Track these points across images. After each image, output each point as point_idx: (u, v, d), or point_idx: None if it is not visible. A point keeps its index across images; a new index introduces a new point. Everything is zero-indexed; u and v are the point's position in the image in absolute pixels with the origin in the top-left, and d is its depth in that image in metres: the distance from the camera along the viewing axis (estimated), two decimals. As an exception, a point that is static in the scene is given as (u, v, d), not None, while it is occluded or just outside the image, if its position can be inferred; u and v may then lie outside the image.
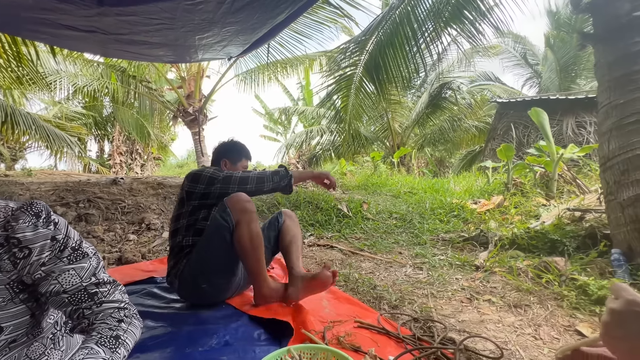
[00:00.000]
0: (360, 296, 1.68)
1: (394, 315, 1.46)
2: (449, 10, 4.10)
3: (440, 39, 4.43)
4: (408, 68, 4.65)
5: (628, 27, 1.79)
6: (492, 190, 4.08)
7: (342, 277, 1.92)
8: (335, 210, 3.40)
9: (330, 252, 2.46)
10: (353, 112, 5.91)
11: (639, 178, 1.66)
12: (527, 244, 2.27)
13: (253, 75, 7.73)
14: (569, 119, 6.14)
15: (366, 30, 4.67)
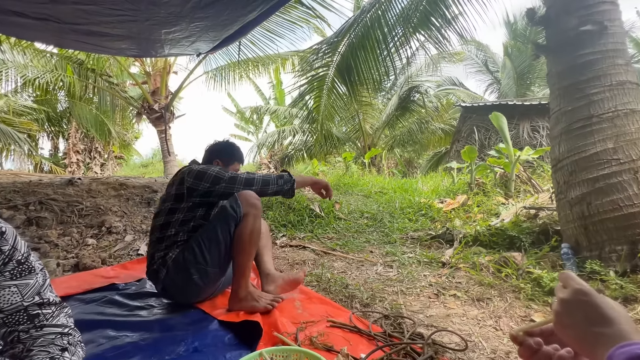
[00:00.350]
0: (333, 296, 1.69)
1: (366, 314, 1.49)
2: (417, 17, 4.25)
3: (409, 43, 4.59)
4: (379, 71, 4.77)
5: (575, 40, 1.95)
6: (457, 190, 4.28)
7: (315, 277, 1.93)
8: (308, 211, 3.40)
9: (303, 252, 2.46)
10: (325, 113, 5.94)
11: (585, 178, 1.82)
12: (488, 241, 2.40)
13: (223, 72, 7.53)
14: (525, 123, 6.61)
15: (338, 32, 4.72)
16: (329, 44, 4.88)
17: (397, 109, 9.41)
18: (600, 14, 1.92)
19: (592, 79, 1.90)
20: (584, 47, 1.94)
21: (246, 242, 1.43)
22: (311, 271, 2.06)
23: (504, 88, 11.82)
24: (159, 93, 7.40)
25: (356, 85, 5.11)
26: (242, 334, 1.25)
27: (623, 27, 1.99)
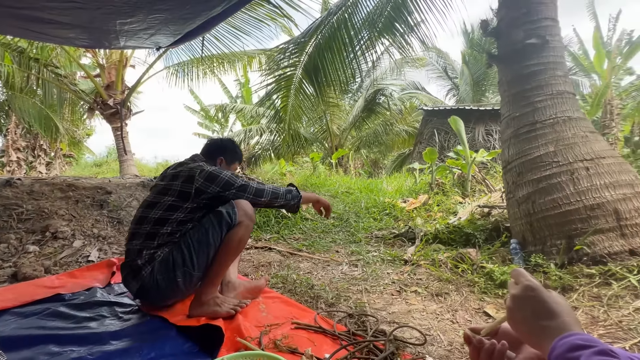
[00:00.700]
0: (298, 297, 1.69)
1: (331, 313, 1.50)
2: (382, 22, 4.38)
3: (375, 47, 4.72)
4: (345, 73, 4.84)
5: (522, 52, 2.12)
6: (419, 190, 4.47)
7: (280, 279, 1.91)
8: (274, 211, 3.36)
9: (269, 254, 2.42)
10: (293, 113, 5.92)
11: (530, 179, 1.98)
12: (447, 238, 2.53)
13: (186, 68, 7.22)
14: (480, 127, 7.07)
15: (305, 33, 4.72)
16: (296, 44, 4.87)
17: (363, 110, 9.62)
18: (543, 29, 2.10)
19: (536, 88, 2.08)
20: (530, 58, 2.11)
21: (231, 249, 1.41)
22: (277, 273, 2.04)
23: (462, 94, 12.56)
24: (114, 87, 6.92)
25: (323, 86, 5.14)
26: (203, 341, 1.21)
27: (562, 42, 2.20)
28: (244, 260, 2.26)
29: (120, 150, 6.93)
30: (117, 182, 3.82)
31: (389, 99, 9.55)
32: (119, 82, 6.94)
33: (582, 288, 1.50)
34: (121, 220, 2.87)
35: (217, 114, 11.78)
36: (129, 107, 7.31)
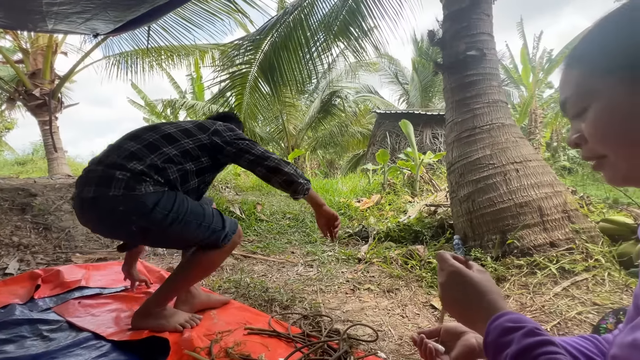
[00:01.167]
0: (252, 301, 1.64)
1: (285, 316, 1.48)
2: (337, 25, 4.45)
3: (331, 49, 4.79)
4: (302, 73, 4.84)
5: (463, 62, 2.30)
6: (372, 190, 4.63)
7: (233, 284, 1.84)
8: (228, 213, 3.24)
9: (221, 257, 2.32)
10: (248, 111, 5.78)
11: (470, 180, 2.16)
12: (398, 236, 2.65)
13: (129, 59, 6.65)
14: (428, 130, 7.55)
15: (261, 30, 4.63)
16: (252, 41, 4.75)
17: (320, 111, 9.72)
18: (481, 43, 2.30)
19: (476, 96, 2.27)
20: (470, 68, 2.30)
21: (204, 268, 1.31)
22: (229, 277, 1.96)
23: (412, 99, 13.30)
24: (40, 76, 6.13)
25: (279, 86, 5.09)
26: (146, 354, 1.11)
27: (497, 55, 2.43)
28: (194, 265, 2.14)
29: (49, 147, 6.16)
30: (44, 183, 3.38)
31: (344, 101, 9.77)
32: (47, 70, 6.17)
33: (513, 278, 1.67)
34: (49, 226, 2.54)
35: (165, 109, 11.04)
36: (60, 98, 6.54)
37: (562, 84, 0.46)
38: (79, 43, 7.76)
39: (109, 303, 1.49)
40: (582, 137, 0.44)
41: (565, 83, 0.46)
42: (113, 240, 2.51)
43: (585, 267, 1.61)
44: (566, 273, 1.61)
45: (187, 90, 12.87)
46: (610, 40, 0.41)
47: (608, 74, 0.41)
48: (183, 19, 4.62)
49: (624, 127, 0.40)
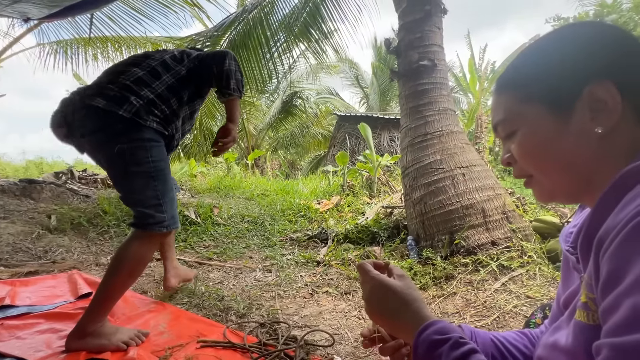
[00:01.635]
0: (206, 311, 1.57)
1: (241, 325, 1.44)
2: (298, 26, 4.45)
3: (291, 50, 4.78)
4: (262, 73, 4.77)
5: (417, 71, 2.42)
6: (332, 191, 4.69)
7: (186, 293, 1.75)
8: (181, 217, 3.07)
9: (173, 265, 2.20)
10: (205, 109, 5.55)
11: (423, 183, 2.28)
12: (356, 237, 2.71)
13: (69, 48, 6.03)
14: (385, 133, 7.84)
15: (219, 26, 4.48)
16: (209, 37, 4.57)
17: (281, 112, 9.64)
18: (433, 54, 2.44)
19: (427, 104, 2.40)
20: (422, 77, 2.42)
21: (133, 263, 1.23)
22: (182, 286, 1.86)
23: (372, 102, 13.73)
24: (-44, 62, 5.33)
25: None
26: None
27: (446, 65, 2.59)
28: (142, 276, 2.00)
29: (-32, 143, 5.37)
30: (-41, 186, 2.95)
31: (305, 102, 9.79)
32: (-36, 55, 5.38)
33: (459, 276, 1.79)
34: (-35, 236, 2.22)
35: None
36: (-18, 88, 5.73)
37: (493, 107, 0.50)
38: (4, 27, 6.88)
39: (39, 323, 1.34)
40: (512, 157, 0.49)
41: (496, 107, 0.50)
42: (47, 251, 2.27)
43: (521, 263, 1.77)
44: (505, 269, 1.76)
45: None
46: (532, 70, 0.46)
47: (531, 101, 0.45)
48: (133, 9, 4.31)
49: (546, 150, 0.44)
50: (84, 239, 2.61)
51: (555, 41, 0.45)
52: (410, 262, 2.01)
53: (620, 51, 0.41)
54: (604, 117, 0.40)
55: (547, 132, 0.44)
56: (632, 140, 0.40)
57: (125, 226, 2.80)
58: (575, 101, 0.41)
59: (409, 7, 2.51)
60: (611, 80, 0.39)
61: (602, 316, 0.32)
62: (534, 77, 0.45)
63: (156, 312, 1.50)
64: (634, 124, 0.40)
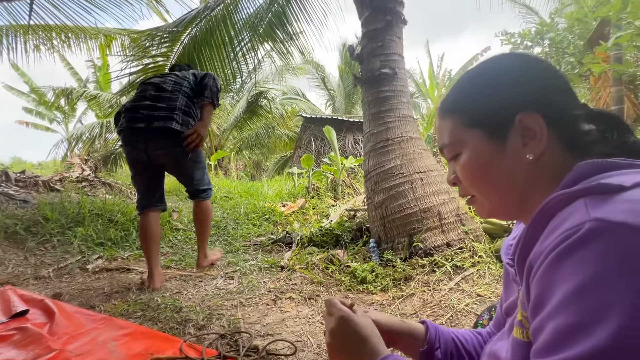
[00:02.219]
0: (162, 324, 1.50)
1: (200, 338, 1.39)
2: (263, 27, 4.39)
3: (256, 50, 4.70)
4: (225, 72, 4.65)
5: (378, 79, 2.50)
6: (297, 194, 4.68)
7: (140, 306, 1.65)
8: (136, 223, 2.89)
9: (126, 276, 2.06)
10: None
11: (384, 187, 2.35)
12: (320, 240, 2.73)
13: (5, 37, 5.42)
14: (350, 136, 7.98)
15: (179, 22, 4.28)
16: (169, 33, 4.36)
17: (245, 112, 9.43)
18: (393, 62, 2.53)
19: (388, 111, 2.48)
20: (384, 85, 2.50)
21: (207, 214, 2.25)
22: (136, 299, 1.76)
23: (338, 104, 13.92)
24: None
25: (200, 83, 4.78)
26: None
27: (406, 74, 2.70)
28: (89, 288, 1.85)
29: None
30: None
31: (271, 102, 9.68)
32: None
33: (417, 277, 1.87)
34: None
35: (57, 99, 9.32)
36: None
37: (438, 130, 0.54)
38: None
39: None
40: (457, 177, 0.52)
41: (441, 130, 0.53)
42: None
43: (472, 263, 1.90)
44: (458, 269, 1.87)
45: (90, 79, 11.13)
46: (472, 97, 0.49)
47: (472, 127, 0.48)
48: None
49: (486, 173, 0.48)
50: (20, 250, 2.36)
51: (491, 71, 0.49)
52: (372, 264, 2.06)
53: (545, 85, 0.46)
54: (534, 145, 0.44)
55: (487, 156, 0.47)
56: (558, 165, 0.44)
57: (71, 234, 2.57)
58: (509, 129, 0.45)
59: (371, 16, 2.58)
60: (537, 112, 0.44)
61: (532, 336, 0.35)
62: (473, 105, 0.49)
63: (104, 329, 1.40)
64: (560, 150, 0.44)
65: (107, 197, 3.21)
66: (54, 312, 1.47)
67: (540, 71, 0.47)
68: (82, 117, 11.86)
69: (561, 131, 0.44)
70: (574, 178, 0.39)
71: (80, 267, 2.14)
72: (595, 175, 0.38)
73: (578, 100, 0.47)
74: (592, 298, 0.28)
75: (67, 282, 1.96)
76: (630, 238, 0.28)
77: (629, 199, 0.31)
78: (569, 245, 0.31)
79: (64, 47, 6.01)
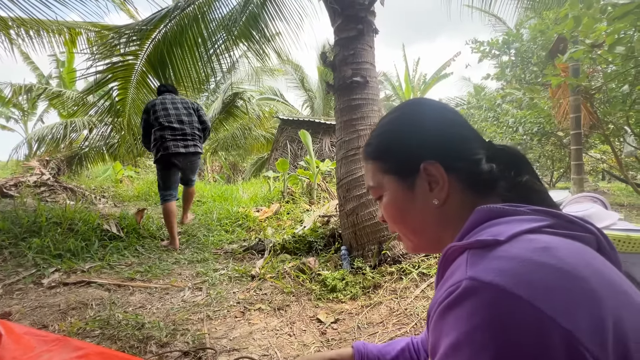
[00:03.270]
0: (122, 343, 1.43)
1: (162, 356, 1.34)
2: (237, 28, 4.32)
3: (230, 51, 4.61)
4: (198, 73, 4.54)
5: (350, 87, 2.52)
6: (273, 198, 4.64)
7: (99, 324, 1.57)
8: (100, 232, 2.76)
9: (86, 290, 1.96)
10: (134, 108, 5.09)
11: (355, 195, 2.38)
12: (293, 247, 2.72)
13: (-48, 27, 4.99)
14: (327, 139, 8.01)
15: (148, 21, 4.12)
16: (137, 31, 4.18)
17: (221, 112, 9.24)
18: (365, 71, 2.56)
19: (360, 119, 2.51)
20: (355, 93, 2.53)
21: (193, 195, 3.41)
22: (95, 316, 1.67)
23: (316, 106, 13.93)
24: None
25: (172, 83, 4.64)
26: None
27: (377, 82, 2.74)
28: (43, 306, 1.74)
29: None
30: None
31: (247, 103, 9.53)
32: None
33: (385, 284, 1.91)
34: None
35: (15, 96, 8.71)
36: None
37: (365, 172, 0.57)
38: None
39: None
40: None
41: (366, 173, 0.57)
42: None
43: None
44: (424, 276, 1.93)
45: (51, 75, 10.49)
46: (385, 145, 0.53)
47: (388, 173, 0.52)
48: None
49: (402, 216, 0.52)
50: (-34, 264, 2.18)
51: (400, 121, 0.54)
52: (342, 272, 2.08)
53: (442, 135, 0.50)
54: (438, 191, 0.48)
55: (401, 201, 0.51)
56: (461, 207, 0.48)
57: (25, 245, 2.40)
58: (417, 176, 0.49)
59: (343, 24, 2.60)
60: (437, 160, 0.48)
61: None
62: (386, 152, 0.53)
63: (58, 351, 1.31)
64: (464, 193, 0.48)
65: (67, 204, 3.03)
66: (1, 334, 1.36)
67: (439, 122, 0.51)
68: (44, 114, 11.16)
69: (462, 175, 0.48)
70: (470, 224, 0.43)
71: (34, 281, 2.01)
72: (486, 222, 0.41)
73: (481, 141, 0.51)
74: (464, 353, 0.31)
75: (19, 298, 1.83)
76: (497, 298, 0.31)
77: (501, 256, 0.34)
78: (450, 301, 0.34)
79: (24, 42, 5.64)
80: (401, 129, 0.52)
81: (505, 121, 6.80)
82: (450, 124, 0.51)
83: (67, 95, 8.73)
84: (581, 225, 0.41)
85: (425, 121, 0.51)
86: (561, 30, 2.17)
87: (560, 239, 0.37)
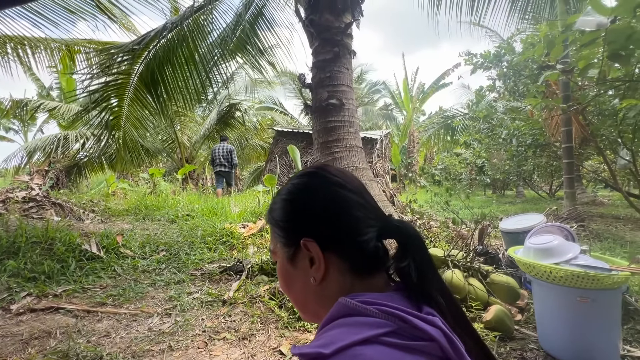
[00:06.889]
0: (75, 378, 1.42)
1: (111, 394, 1.33)
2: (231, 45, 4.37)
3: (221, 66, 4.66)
4: (189, 92, 4.61)
5: (326, 109, 2.54)
6: (261, 213, 4.63)
7: (57, 356, 1.56)
8: (78, 252, 2.76)
9: (53, 317, 1.95)
10: (129, 124, 5.17)
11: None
12: (270, 269, 2.70)
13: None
14: (322, 150, 8.03)
15: (139, 41, 4.19)
16: (129, 51, 4.26)
17: (218, 123, 9.31)
18: (341, 93, 2.58)
19: (336, 141, 2.52)
20: (331, 115, 2.55)
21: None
22: (57, 346, 1.66)
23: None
24: None
25: (164, 101, 4.72)
26: None
27: (354, 104, 2.75)
28: (6, 335, 1.74)
29: None
30: None
31: (244, 114, 9.60)
32: None
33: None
34: None
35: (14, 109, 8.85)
36: None
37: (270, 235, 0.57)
38: None
39: None
40: None
41: (270, 236, 0.56)
42: None
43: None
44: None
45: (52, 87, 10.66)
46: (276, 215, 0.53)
47: (279, 241, 0.52)
48: (29, 12, 3.81)
49: (288, 287, 0.52)
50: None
51: (289, 194, 0.53)
52: None
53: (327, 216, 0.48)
54: (315, 269, 0.47)
55: (286, 272, 0.51)
56: (339, 288, 0.47)
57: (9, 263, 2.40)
58: (299, 252, 0.49)
59: (319, 47, 2.63)
60: (313, 239, 0.47)
61: None
62: (275, 223, 0.53)
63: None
64: (341, 273, 0.47)
65: (49, 222, 3.05)
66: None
67: (328, 199, 0.49)
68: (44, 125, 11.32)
69: (343, 256, 0.47)
70: (329, 317, 0.43)
71: (4, 307, 2.01)
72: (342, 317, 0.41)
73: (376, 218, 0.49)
74: None
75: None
76: None
77: None
78: None
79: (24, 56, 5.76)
80: (293, 199, 0.52)
81: (499, 132, 6.78)
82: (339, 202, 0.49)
83: (63, 109, 8.84)
84: (426, 332, 0.40)
85: (315, 197, 0.50)
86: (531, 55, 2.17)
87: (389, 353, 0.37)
